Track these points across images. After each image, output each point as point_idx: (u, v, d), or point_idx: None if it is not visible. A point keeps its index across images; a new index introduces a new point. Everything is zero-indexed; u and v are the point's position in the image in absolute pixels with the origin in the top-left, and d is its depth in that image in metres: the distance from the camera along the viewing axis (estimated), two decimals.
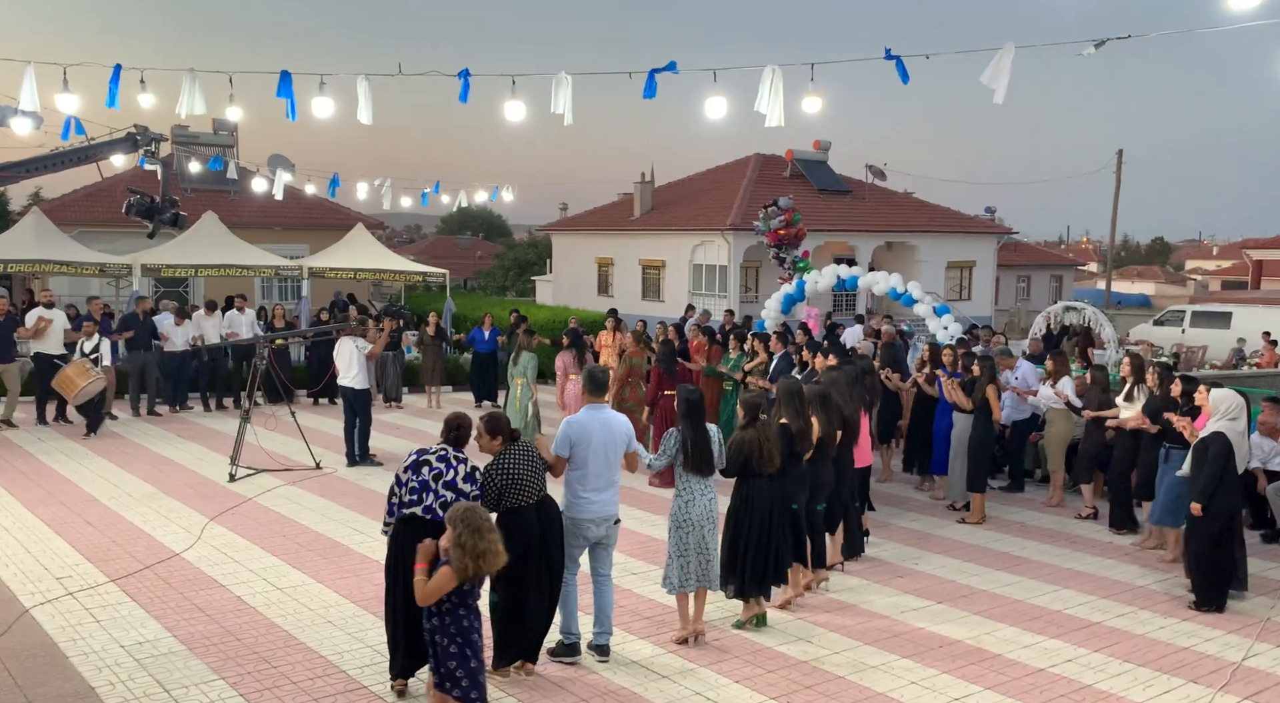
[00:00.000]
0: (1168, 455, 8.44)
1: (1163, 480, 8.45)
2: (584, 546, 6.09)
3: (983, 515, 9.64)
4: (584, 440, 5.94)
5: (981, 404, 9.54)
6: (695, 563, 6.34)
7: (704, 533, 6.35)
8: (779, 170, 34.21)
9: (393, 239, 61.35)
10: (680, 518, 6.33)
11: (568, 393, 11.70)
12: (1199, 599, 7.37)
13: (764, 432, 6.56)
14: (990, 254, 35.95)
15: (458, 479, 5.41)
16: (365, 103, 10.20)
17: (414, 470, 5.42)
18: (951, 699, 5.70)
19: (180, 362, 15.25)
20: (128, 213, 11.70)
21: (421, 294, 28.02)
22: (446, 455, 5.47)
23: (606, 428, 6.03)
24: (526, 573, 5.64)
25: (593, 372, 6.29)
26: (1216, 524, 7.32)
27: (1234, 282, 57.19)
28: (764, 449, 6.48)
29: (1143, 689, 5.89)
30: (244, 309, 16.07)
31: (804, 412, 7.02)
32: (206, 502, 9.79)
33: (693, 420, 6.33)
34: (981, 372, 9.60)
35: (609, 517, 6.09)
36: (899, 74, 8.82)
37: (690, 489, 6.35)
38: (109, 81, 10.08)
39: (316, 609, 6.93)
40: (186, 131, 27.87)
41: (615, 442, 6.05)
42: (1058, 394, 10.15)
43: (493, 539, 4.65)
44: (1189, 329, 25.73)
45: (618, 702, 5.59)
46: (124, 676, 5.78)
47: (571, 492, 6.02)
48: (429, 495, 5.36)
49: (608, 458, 6.02)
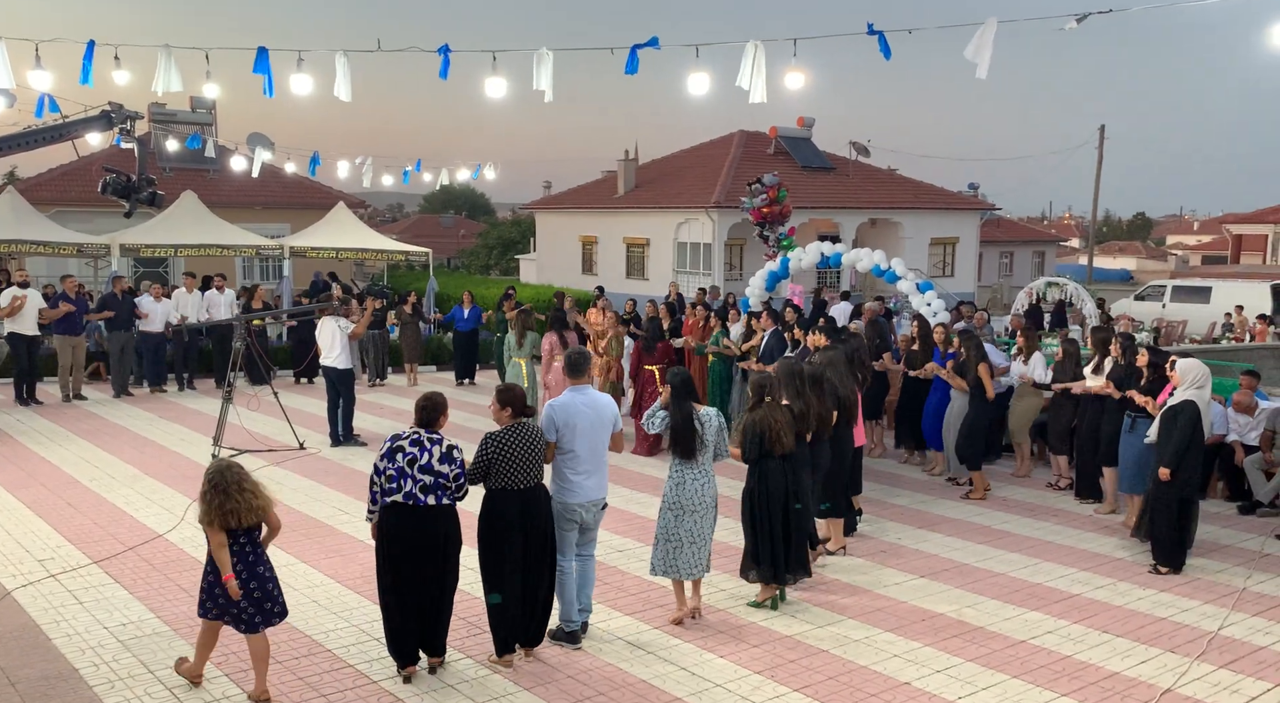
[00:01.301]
0: (1133, 424, 8.58)
1: (1128, 449, 8.59)
2: (575, 530, 6.02)
3: (985, 490, 9.75)
4: (570, 424, 5.84)
5: (975, 383, 9.65)
6: (687, 551, 6.25)
7: (697, 519, 6.25)
8: (763, 147, 34.11)
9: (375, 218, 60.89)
10: (670, 500, 6.29)
11: (553, 373, 11.69)
12: (1160, 560, 7.57)
13: (773, 412, 6.56)
14: (973, 230, 36.04)
15: (433, 462, 5.36)
16: (344, 79, 10.08)
17: (389, 458, 5.37)
18: (933, 672, 5.77)
19: (157, 342, 15.13)
20: (104, 192, 11.54)
21: (404, 273, 27.89)
22: (420, 439, 5.42)
23: (594, 410, 5.94)
24: (504, 561, 5.57)
25: (572, 355, 6.18)
26: (1187, 489, 7.56)
27: (1214, 256, 57.64)
28: (773, 430, 6.49)
29: (1121, 659, 5.97)
30: (223, 289, 15.93)
31: (805, 392, 7.04)
32: (189, 483, 9.74)
33: (679, 402, 6.24)
34: (970, 352, 9.70)
35: (598, 500, 6.03)
36: (881, 49, 8.77)
37: (680, 472, 6.28)
38: (83, 58, 9.92)
39: (302, 589, 6.93)
40: (164, 109, 27.49)
41: (602, 424, 5.97)
42: (1022, 377, 10.34)
43: (245, 498, 5.04)
44: (1169, 304, 25.93)
45: (602, 678, 5.62)
46: (108, 657, 5.77)
47: (560, 476, 5.92)
48: (407, 482, 5.33)
49: (595, 441, 5.93)
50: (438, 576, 5.43)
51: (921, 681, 5.64)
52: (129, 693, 5.33)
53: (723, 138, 36.02)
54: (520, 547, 5.59)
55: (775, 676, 5.68)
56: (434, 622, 5.51)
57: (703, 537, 6.31)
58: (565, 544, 5.99)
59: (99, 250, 18.84)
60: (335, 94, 10.16)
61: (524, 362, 12.13)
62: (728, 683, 5.58)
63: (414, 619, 5.45)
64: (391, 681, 5.53)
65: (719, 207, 29.55)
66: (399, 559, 5.36)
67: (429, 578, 5.40)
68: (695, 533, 6.27)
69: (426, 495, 5.34)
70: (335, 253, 21.00)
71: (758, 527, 6.58)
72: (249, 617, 5.17)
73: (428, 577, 5.39)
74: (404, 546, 5.35)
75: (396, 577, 5.38)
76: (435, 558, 5.39)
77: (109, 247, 18.52)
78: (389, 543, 5.38)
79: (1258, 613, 6.77)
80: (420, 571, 5.37)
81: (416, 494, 5.33)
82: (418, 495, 5.33)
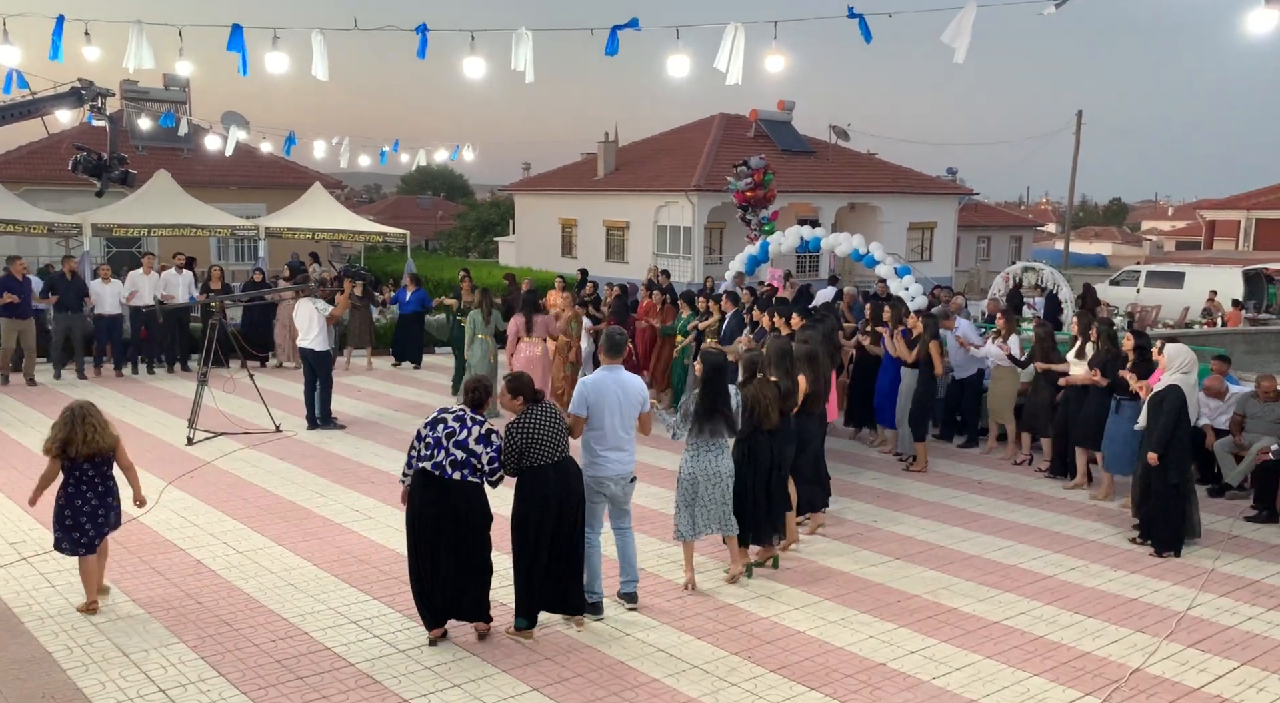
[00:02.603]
0: (1119, 407, 8.84)
1: (1116, 431, 8.82)
2: (604, 503, 6.27)
3: (925, 463, 10.16)
4: (600, 401, 6.09)
5: (924, 358, 9.99)
6: (703, 514, 6.62)
7: (715, 485, 6.62)
8: (743, 130, 34.06)
9: (352, 199, 60.41)
10: (687, 470, 6.63)
11: (519, 355, 11.69)
12: (1158, 545, 7.70)
13: (763, 389, 6.84)
14: (951, 215, 36.21)
15: (470, 440, 5.58)
16: (321, 58, 9.97)
17: (432, 427, 5.62)
18: (908, 652, 5.83)
19: (110, 324, 14.74)
20: (74, 170, 11.35)
21: (382, 255, 27.66)
22: (463, 416, 5.66)
23: (622, 388, 6.18)
24: (540, 529, 5.74)
25: (610, 334, 6.42)
26: (1178, 474, 7.69)
27: (1188, 242, 58.28)
28: (762, 406, 6.77)
29: (1092, 640, 6.06)
30: (181, 269, 15.67)
31: (792, 371, 7.29)
32: (164, 466, 9.66)
33: (716, 385, 6.51)
34: (925, 327, 10.04)
35: (626, 474, 6.25)
36: (861, 33, 8.77)
37: (696, 443, 6.60)
38: (51, 33, 9.74)
39: (278, 572, 6.90)
40: (136, 87, 27.07)
41: (630, 402, 6.20)
42: (1002, 348, 10.63)
43: (85, 431, 5.93)
44: (1144, 289, 26.16)
45: (580, 658, 5.65)
46: (81, 640, 5.73)
47: (590, 451, 6.16)
48: (440, 452, 5.56)
49: (623, 418, 6.18)
50: (456, 547, 5.61)
51: (896, 661, 5.71)
52: (103, 676, 5.30)
53: (703, 121, 35.94)
54: (553, 517, 5.76)
55: (752, 657, 5.73)
56: (464, 590, 5.68)
57: (725, 500, 6.67)
58: (594, 517, 6.23)
59: (70, 230, 18.55)
60: (313, 73, 10.05)
61: (489, 340, 12.24)
62: (705, 664, 5.62)
63: (437, 585, 5.64)
64: (369, 662, 5.53)
65: (699, 190, 29.52)
66: (419, 525, 5.60)
67: (448, 548, 5.59)
68: (714, 498, 6.63)
69: (454, 470, 5.56)
70: (312, 234, 20.79)
71: (741, 497, 6.83)
72: (89, 539, 6.03)
73: (446, 547, 5.59)
74: (424, 513, 5.58)
75: (418, 541, 5.62)
76: (456, 530, 5.60)
77: (80, 226, 18.23)
78: (413, 510, 5.63)
79: (1225, 594, 6.88)
80: (438, 540, 5.59)
81: (445, 466, 5.55)
82: (445, 468, 5.55)
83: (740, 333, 11.36)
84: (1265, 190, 40.25)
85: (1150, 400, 7.82)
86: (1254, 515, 8.67)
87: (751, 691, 5.32)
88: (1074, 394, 9.52)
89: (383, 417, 12.38)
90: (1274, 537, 8.22)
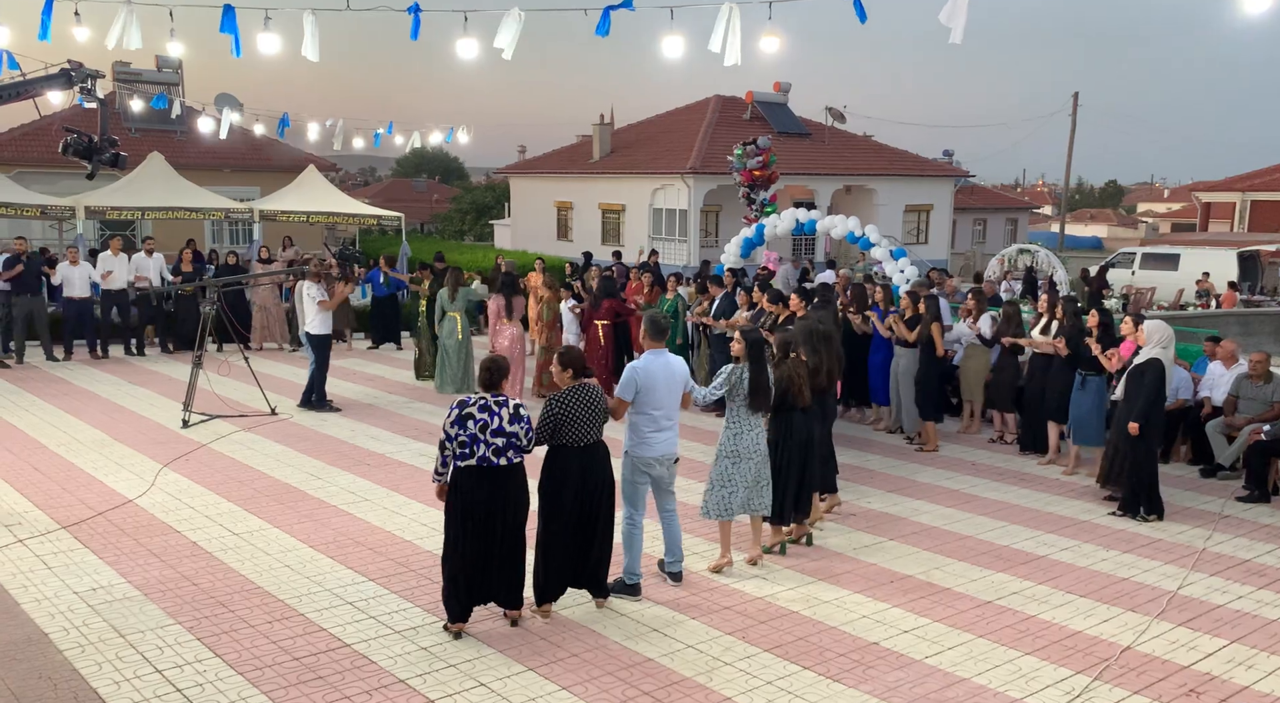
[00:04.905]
0: (1084, 382, 9.17)
1: (1080, 405, 9.19)
2: (648, 484, 6.33)
3: (936, 443, 10.31)
4: (650, 384, 6.16)
5: (926, 339, 10.16)
6: (742, 493, 6.66)
7: (754, 464, 6.67)
8: (739, 112, 33.92)
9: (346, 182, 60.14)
10: (729, 449, 6.66)
11: (500, 336, 11.68)
12: (1146, 509, 8.04)
13: (796, 368, 6.96)
14: (947, 197, 36.16)
15: (504, 424, 5.56)
16: (311, 38, 9.89)
17: (460, 425, 5.55)
18: (901, 632, 5.87)
19: (81, 307, 14.61)
20: (65, 152, 11.25)
21: (377, 238, 27.61)
22: (487, 404, 5.60)
23: (668, 370, 6.28)
24: (562, 512, 5.83)
25: (654, 318, 6.47)
26: (1156, 441, 8.13)
27: (1184, 224, 58.24)
28: (796, 384, 6.90)
29: (1084, 619, 6.11)
30: (152, 253, 15.57)
31: (820, 350, 7.44)
32: (160, 448, 9.67)
33: (759, 361, 6.63)
34: (926, 309, 10.25)
35: (671, 455, 6.34)
36: (857, 13, 8.73)
37: (740, 422, 6.65)
38: (41, 13, 9.66)
39: (274, 554, 6.92)
40: (128, 68, 26.92)
41: (676, 383, 6.31)
42: (971, 328, 10.87)
43: None
44: (1139, 271, 26.19)
45: (575, 640, 5.68)
46: (78, 621, 5.75)
47: (637, 433, 6.24)
48: (480, 446, 5.53)
49: (671, 399, 6.28)
50: (509, 530, 5.66)
51: (889, 641, 5.75)
52: (100, 657, 5.32)
53: (698, 103, 35.79)
54: (575, 500, 5.84)
55: (746, 637, 5.76)
56: (508, 575, 5.72)
57: (764, 478, 6.73)
58: (638, 498, 6.31)
59: (64, 213, 18.47)
60: (303, 53, 9.97)
61: (459, 316, 12.40)
62: (699, 644, 5.65)
63: (478, 573, 5.64)
64: (365, 643, 5.55)
65: (695, 172, 29.43)
66: (471, 518, 5.58)
67: (499, 534, 5.62)
68: (753, 477, 6.67)
69: (499, 457, 5.57)
70: (306, 217, 20.72)
71: (776, 475, 6.92)
72: None
73: (498, 533, 5.62)
74: (479, 505, 5.58)
75: (464, 534, 5.59)
76: (506, 514, 5.63)
77: (74, 209, 18.16)
78: (463, 503, 5.59)
79: (1215, 573, 6.93)
80: (491, 528, 5.61)
81: (490, 458, 5.54)
82: (491, 458, 5.54)
83: (731, 313, 11.56)
84: (1261, 172, 40.19)
85: (1131, 372, 8.10)
86: (1245, 496, 8.73)
87: (745, 670, 5.35)
88: (1040, 369, 9.81)
89: (378, 400, 12.38)
90: (1265, 517, 8.27)
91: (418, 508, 7.99)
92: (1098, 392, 9.10)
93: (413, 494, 8.35)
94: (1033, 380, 9.95)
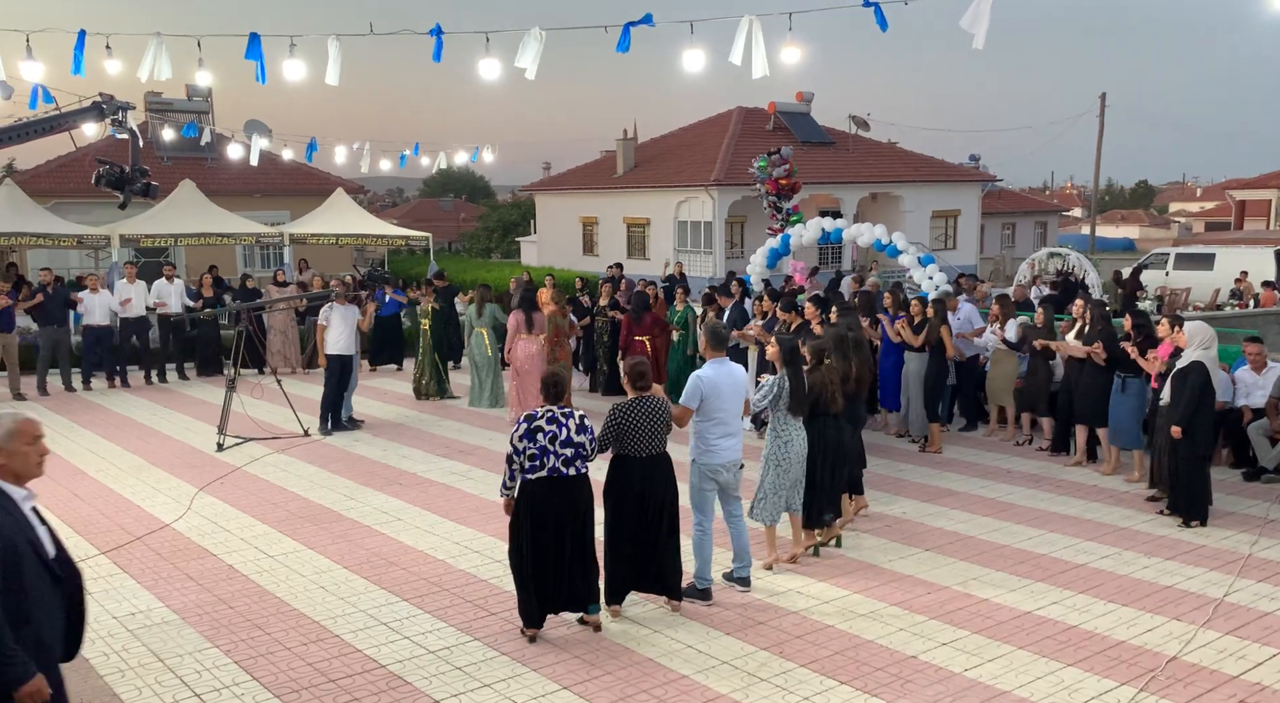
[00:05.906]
0: (1124, 386, 9.14)
1: (1119, 407, 9.17)
2: (715, 490, 6.48)
3: (939, 444, 10.42)
4: (715, 392, 6.33)
5: (935, 343, 10.28)
6: (785, 494, 6.84)
7: (797, 466, 6.86)
8: (761, 123, 33.92)
9: (374, 203, 60.76)
10: (780, 457, 6.82)
11: (517, 350, 11.70)
12: (1192, 515, 7.90)
13: (829, 375, 7.10)
14: (975, 202, 35.89)
15: (571, 435, 5.73)
16: (334, 63, 10.01)
17: (529, 439, 5.68)
18: (939, 644, 5.78)
19: (100, 335, 14.62)
20: (97, 184, 11.49)
21: (405, 258, 27.82)
22: (554, 416, 5.76)
23: (732, 378, 6.46)
24: (623, 518, 6.04)
25: (714, 327, 6.67)
26: (1204, 446, 7.97)
27: (1217, 223, 57.36)
28: (829, 390, 7.06)
29: (1126, 629, 5.98)
30: (173, 279, 15.63)
31: (850, 356, 7.57)
32: (195, 472, 9.78)
33: (793, 367, 6.79)
34: (935, 313, 10.34)
35: (737, 461, 6.51)
36: (878, 22, 8.69)
37: (788, 430, 6.81)
38: (74, 48, 9.86)
39: (309, 576, 6.96)
40: (160, 98, 27.40)
41: (739, 390, 6.48)
42: (996, 334, 10.89)
43: None
44: (1173, 272, 25.79)
45: (609, 655, 5.65)
46: (118, 646, 5.81)
47: (703, 441, 6.40)
48: (550, 458, 5.69)
49: (735, 405, 6.43)
50: (579, 537, 5.83)
51: (928, 653, 5.66)
52: (139, 682, 5.37)
53: (721, 115, 35.82)
54: (636, 509, 6.03)
55: (782, 652, 5.70)
56: (580, 580, 5.86)
57: (801, 479, 6.93)
58: (706, 504, 6.47)
59: (99, 242, 18.80)
60: (327, 80, 10.10)
61: (485, 332, 12.56)
62: (734, 660, 5.60)
63: (552, 580, 5.78)
64: (399, 664, 5.56)
65: (719, 184, 29.43)
66: (542, 528, 5.73)
67: (569, 543, 5.78)
68: (791, 480, 6.87)
69: (568, 468, 5.72)
70: (335, 239, 20.94)
71: (811, 478, 7.04)
72: None
73: (567, 542, 5.78)
74: (547, 514, 5.73)
75: (536, 545, 5.73)
76: (576, 522, 5.80)
77: (109, 238, 18.47)
78: (535, 514, 5.73)
79: (1263, 579, 6.77)
80: (562, 535, 5.77)
81: (560, 468, 5.72)
82: (561, 469, 5.71)
83: (744, 323, 11.76)
84: None
85: (1174, 377, 7.98)
86: None
87: (782, 686, 5.30)
88: (1075, 373, 9.72)
89: (408, 419, 12.45)
90: None
91: (450, 527, 8.01)
92: (1138, 394, 9.04)
93: (445, 513, 8.38)
94: (1067, 384, 9.88)
